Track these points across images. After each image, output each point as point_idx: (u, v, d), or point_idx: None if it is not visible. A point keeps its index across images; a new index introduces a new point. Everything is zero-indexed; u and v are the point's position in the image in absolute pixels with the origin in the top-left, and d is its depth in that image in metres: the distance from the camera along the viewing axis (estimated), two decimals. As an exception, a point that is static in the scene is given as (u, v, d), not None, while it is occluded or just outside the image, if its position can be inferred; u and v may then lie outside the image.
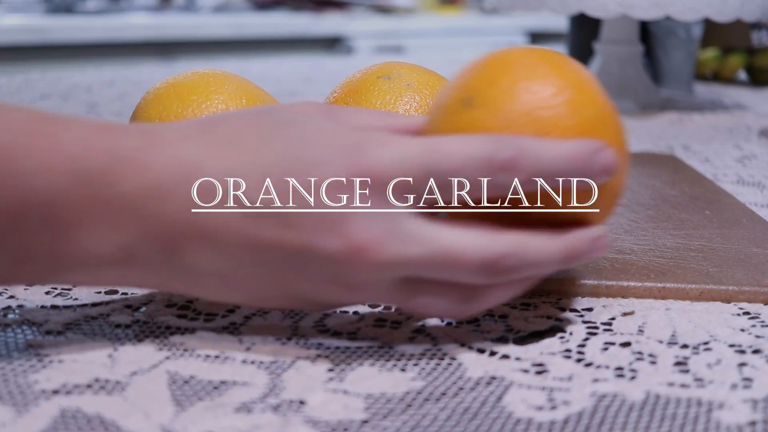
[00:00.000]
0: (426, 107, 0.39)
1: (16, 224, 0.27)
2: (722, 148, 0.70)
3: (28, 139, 0.27)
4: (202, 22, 2.17)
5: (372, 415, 0.26)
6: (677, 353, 0.31)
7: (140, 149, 0.28)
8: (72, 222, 0.28)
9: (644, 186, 0.53)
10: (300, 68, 1.25)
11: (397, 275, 0.28)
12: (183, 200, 0.28)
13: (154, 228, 0.28)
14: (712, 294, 0.36)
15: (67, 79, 1.08)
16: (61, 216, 0.27)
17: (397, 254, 0.28)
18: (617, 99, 0.90)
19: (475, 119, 0.30)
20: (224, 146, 0.29)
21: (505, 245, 0.28)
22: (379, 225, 0.28)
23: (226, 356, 0.30)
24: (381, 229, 0.28)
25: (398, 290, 0.29)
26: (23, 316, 0.33)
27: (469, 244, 0.28)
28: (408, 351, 0.31)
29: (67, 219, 0.27)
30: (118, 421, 0.26)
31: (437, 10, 2.65)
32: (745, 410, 0.27)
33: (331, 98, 0.41)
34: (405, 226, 0.28)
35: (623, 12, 0.80)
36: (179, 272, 0.29)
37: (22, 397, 0.27)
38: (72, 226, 0.28)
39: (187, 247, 0.28)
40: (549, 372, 0.29)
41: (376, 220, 0.28)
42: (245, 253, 0.28)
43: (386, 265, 0.28)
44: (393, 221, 0.28)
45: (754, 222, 0.45)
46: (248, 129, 0.30)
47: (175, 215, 0.28)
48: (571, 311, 0.34)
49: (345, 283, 0.29)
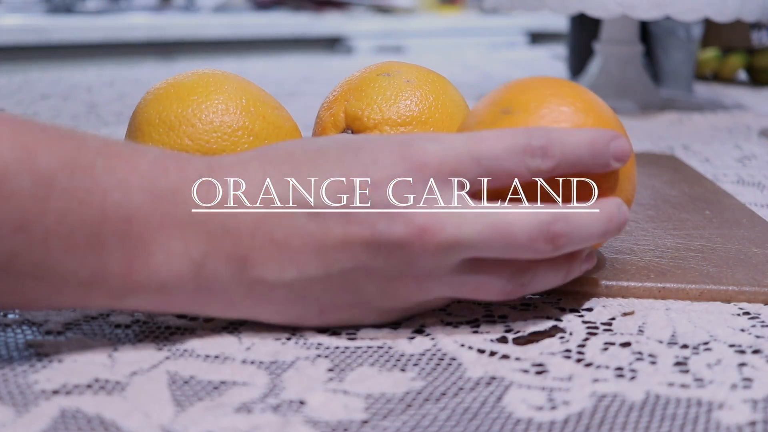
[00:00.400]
0: (426, 102, 0.39)
1: (93, 240, 0.28)
2: (722, 148, 0.70)
3: (106, 159, 0.29)
4: (202, 22, 2.17)
5: (372, 416, 0.26)
6: (677, 353, 0.31)
7: (206, 172, 0.30)
8: (146, 238, 0.28)
9: (644, 186, 0.53)
10: (300, 68, 1.25)
11: (457, 257, 0.30)
12: (249, 214, 0.30)
13: (222, 242, 0.29)
14: (712, 294, 0.36)
15: (67, 79, 1.08)
16: (137, 232, 0.28)
17: (457, 232, 0.29)
18: (617, 99, 0.90)
19: (515, 122, 0.34)
20: (282, 164, 0.31)
21: (552, 212, 0.30)
22: (437, 208, 0.30)
23: (225, 356, 0.30)
24: (439, 211, 0.30)
25: (458, 274, 0.31)
26: (23, 316, 0.33)
27: (520, 215, 0.30)
28: (408, 351, 0.31)
29: (142, 235, 0.28)
30: (117, 421, 0.26)
31: (437, 10, 2.65)
32: (745, 410, 0.27)
33: (330, 97, 0.41)
34: (460, 207, 0.30)
35: (623, 12, 0.79)
36: (248, 288, 0.30)
37: (22, 397, 0.27)
38: (146, 242, 0.28)
39: (255, 259, 0.30)
40: (549, 372, 0.29)
41: (434, 205, 0.30)
42: (313, 256, 0.30)
43: (448, 244, 0.29)
44: (448, 203, 0.30)
45: (754, 222, 0.45)
46: (301, 147, 0.32)
47: (241, 228, 0.29)
48: (571, 311, 0.34)
49: (410, 274, 0.30)
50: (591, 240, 0.31)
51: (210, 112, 0.37)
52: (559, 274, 0.33)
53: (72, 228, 0.27)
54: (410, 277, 0.30)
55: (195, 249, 0.29)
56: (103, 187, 0.28)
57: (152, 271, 0.29)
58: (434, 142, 0.31)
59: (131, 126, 0.38)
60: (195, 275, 0.29)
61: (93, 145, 0.29)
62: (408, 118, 0.38)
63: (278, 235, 0.30)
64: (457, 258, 0.30)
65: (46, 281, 0.28)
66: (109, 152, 0.29)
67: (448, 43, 2.36)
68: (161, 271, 0.29)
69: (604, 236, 0.32)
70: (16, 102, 0.90)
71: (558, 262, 0.32)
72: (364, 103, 0.39)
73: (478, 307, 0.35)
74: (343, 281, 0.30)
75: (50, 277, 0.28)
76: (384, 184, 0.30)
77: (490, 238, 0.30)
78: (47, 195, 0.27)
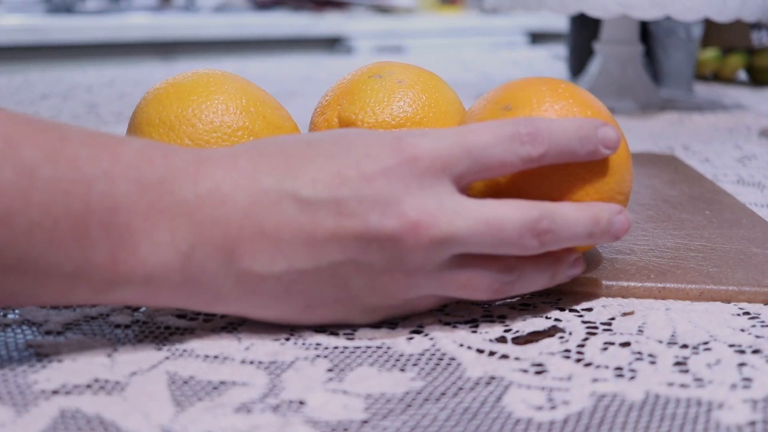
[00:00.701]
0: (419, 102, 0.39)
1: (78, 231, 0.27)
2: (722, 148, 0.70)
3: (90, 150, 0.28)
4: (202, 22, 2.17)
5: (372, 416, 0.26)
6: (677, 353, 0.31)
7: (193, 162, 0.30)
8: (132, 229, 0.28)
9: (644, 186, 0.53)
10: (300, 68, 1.25)
11: (448, 253, 0.30)
12: (238, 204, 0.29)
13: (211, 232, 0.29)
14: (712, 294, 0.36)
15: (67, 79, 1.08)
16: (122, 222, 0.28)
17: (449, 227, 0.29)
18: (617, 99, 0.90)
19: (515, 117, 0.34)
20: (273, 157, 0.30)
21: (540, 209, 0.31)
22: (429, 202, 0.30)
23: (225, 356, 0.30)
24: (432, 205, 0.30)
25: (447, 270, 0.31)
26: (23, 316, 0.33)
27: (509, 211, 0.30)
28: (407, 351, 0.31)
29: (127, 225, 0.28)
30: (117, 421, 0.26)
31: (437, 10, 2.65)
32: (744, 410, 0.27)
33: (323, 102, 0.41)
34: (452, 201, 0.30)
35: (623, 12, 0.79)
36: (236, 281, 0.30)
37: (22, 397, 0.27)
38: (132, 233, 0.28)
39: (244, 249, 0.29)
40: (548, 372, 0.29)
41: (426, 199, 0.30)
42: (303, 249, 0.29)
43: (439, 239, 0.29)
44: (441, 198, 0.30)
45: (754, 222, 0.45)
46: (293, 141, 0.31)
47: (231, 218, 0.29)
48: (571, 311, 0.34)
49: (400, 268, 0.30)
50: (576, 239, 0.32)
51: (210, 112, 0.37)
52: (544, 275, 0.33)
53: (56, 220, 0.27)
54: (400, 272, 0.30)
55: (182, 240, 0.29)
56: (87, 177, 0.28)
57: (138, 261, 0.28)
58: (426, 136, 0.31)
59: (131, 126, 0.38)
60: (182, 266, 0.29)
61: (76, 136, 0.29)
62: (402, 119, 0.38)
63: (268, 226, 0.29)
64: (447, 253, 0.30)
65: (29, 275, 0.27)
66: (93, 143, 0.29)
67: (448, 43, 2.36)
68: (147, 263, 0.28)
69: (590, 237, 0.32)
70: (16, 102, 0.90)
71: (544, 263, 0.33)
72: (357, 106, 0.39)
73: (477, 307, 0.35)
74: (332, 275, 0.30)
75: (34, 271, 0.27)
76: (376, 178, 0.29)
77: (481, 232, 0.30)
78: (30, 187, 0.27)
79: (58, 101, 0.90)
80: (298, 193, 0.29)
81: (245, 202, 0.29)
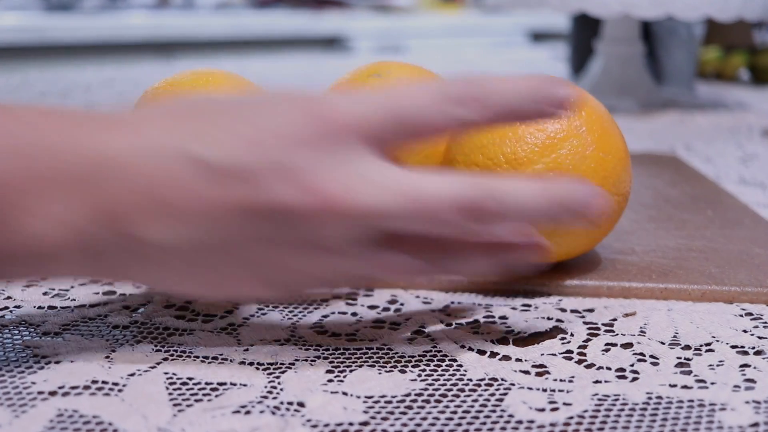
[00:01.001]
0: None
1: None
2: (724, 148, 0.70)
3: None
4: (202, 21, 2.17)
5: (372, 417, 0.26)
6: (679, 354, 0.30)
7: (91, 129, 0.27)
8: (15, 203, 0.25)
9: (645, 186, 0.53)
10: (299, 67, 1.25)
11: (368, 229, 0.27)
12: (136, 172, 0.26)
13: (105, 203, 0.26)
14: (715, 295, 0.35)
15: (66, 79, 1.07)
16: (3, 197, 0.25)
17: (369, 201, 0.26)
18: (618, 98, 0.90)
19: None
20: (183, 119, 0.27)
21: (481, 183, 0.27)
22: (347, 173, 0.26)
23: (224, 357, 0.30)
24: (349, 176, 0.26)
25: (367, 248, 0.28)
26: (20, 317, 0.33)
27: (442, 184, 0.27)
28: (408, 352, 0.31)
29: (9, 199, 0.25)
30: (115, 422, 0.25)
31: (437, 9, 2.65)
32: (747, 412, 0.26)
33: None
34: (374, 172, 0.26)
35: (624, 11, 0.79)
36: (138, 254, 0.27)
37: (19, 398, 0.27)
38: (16, 207, 0.25)
39: (143, 220, 0.26)
40: (550, 373, 0.29)
41: (343, 169, 0.26)
42: (206, 219, 0.26)
43: (358, 214, 0.26)
44: (361, 168, 0.26)
45: (756, 222, 0.45)
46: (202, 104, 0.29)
47: (127, 187, 0.26)
48: (572, 312, 0.34)
49: (312, 244, 0.27)
50: (523, 217, 0.28)
51: (209, 111, 0.37)
52: (489, 259, 0.30)
53: None
54: (312, 249, 0.27)
55: (73, 211, 0.26)
56: None
57: (27, 240, 0.26)
58: (348, 99, 0.27)
59: (129, 125, 0.38)
60: (77, 242, 0.26)
61: None
62: None
63: (165, 194, 0.26)
64: (369, 229, 0.27)
65: None
66: None
67: (449, 43, 2.36)
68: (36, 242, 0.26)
69: (552, 221, 0.28)
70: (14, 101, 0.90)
71: (488, 245, 0.30)
72: None
73: (479, 308, 0.34)
74: (240, 251, 0.27)
75: None
76: (287, 145, 0.26)
77: (404, 208, 0.26)
78: None
79: (56, 100, 0.90)
80: (202, 158, 0.26)
81: (143, 167, 0.26)
